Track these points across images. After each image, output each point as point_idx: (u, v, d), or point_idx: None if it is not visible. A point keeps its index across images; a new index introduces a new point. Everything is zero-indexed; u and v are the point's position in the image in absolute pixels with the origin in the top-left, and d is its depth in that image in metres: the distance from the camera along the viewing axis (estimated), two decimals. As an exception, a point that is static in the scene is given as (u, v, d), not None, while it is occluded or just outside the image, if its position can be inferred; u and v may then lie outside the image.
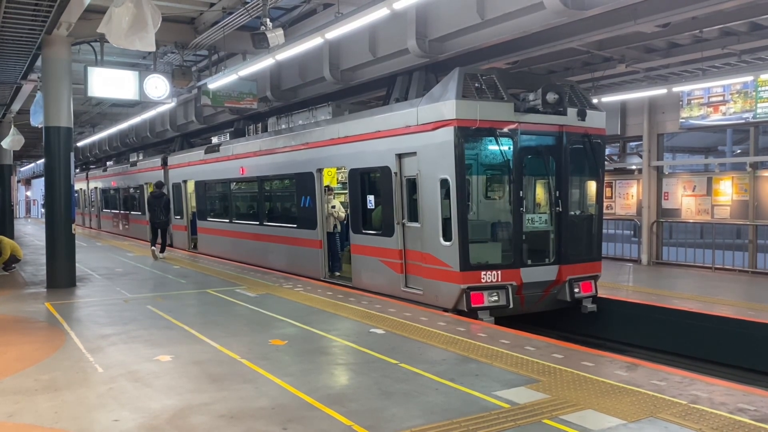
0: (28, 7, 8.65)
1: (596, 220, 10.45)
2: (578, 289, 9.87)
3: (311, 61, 12.82)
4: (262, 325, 8.20)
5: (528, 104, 9.30)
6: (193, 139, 21.92)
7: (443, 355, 6.69)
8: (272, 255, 14.30)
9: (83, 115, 23.73)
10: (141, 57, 15.58)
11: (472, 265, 8.99)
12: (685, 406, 5.04)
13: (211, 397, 5.31)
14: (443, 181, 9.05)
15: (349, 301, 9.92)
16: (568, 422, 4.70)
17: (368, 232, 10.98)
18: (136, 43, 7.05)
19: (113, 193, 27.97)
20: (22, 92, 16.08)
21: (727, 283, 12.33)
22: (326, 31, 8.81)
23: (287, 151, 13.36)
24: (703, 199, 14.39)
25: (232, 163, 15.82)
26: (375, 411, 4.98)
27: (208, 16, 12.17)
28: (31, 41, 10.46)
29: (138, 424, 4.71)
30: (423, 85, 10.77)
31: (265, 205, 15.33)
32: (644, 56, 12.36)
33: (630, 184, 16.17)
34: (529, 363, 6.35)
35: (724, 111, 13.78)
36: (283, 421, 4.77)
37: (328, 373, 6.14)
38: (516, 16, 8.60)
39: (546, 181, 9.95)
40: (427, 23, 10.03)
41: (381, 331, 7.82)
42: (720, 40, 11.26)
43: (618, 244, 16.45)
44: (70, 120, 11.71)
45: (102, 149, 30.95)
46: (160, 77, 12.42)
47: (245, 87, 13.88)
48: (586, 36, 9.50)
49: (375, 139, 10.51)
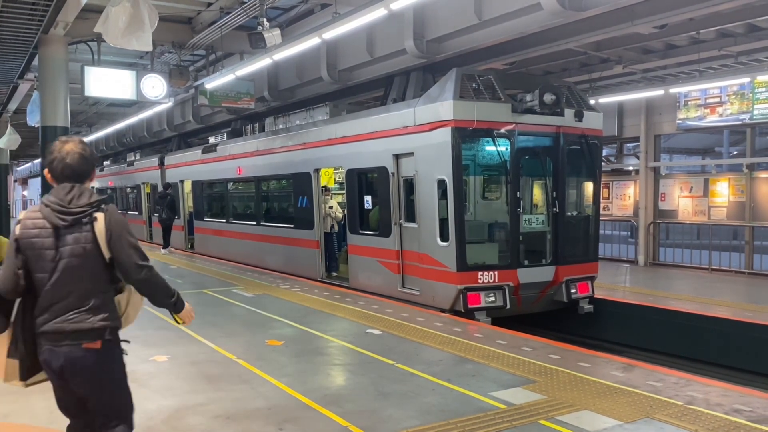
0: (25, 6, 8.63)
1: (593, 221, 10.45)
2: (575, 289, 9.87)
3: (308, 61, 12.81)
4: (258, 326, 8.19)
5: (525, 105, 9.31)
6: (190, 139, 21.88)
7: (440, 355, 6.68)
8: (269, 255, 14.28)
9: (80, 114, 23.70)
10: (138, 57, 15.56)
11: (469, 265, 8.99)
12: (681, 407, 5.05)
13: (208, 398, 5.30)
14: (440, 181, 9.05)
15: (346, 301, 9.91)
16: (564, 423, 4.71)
17: (365, 233, 10.98)
18: (133, 42, 7.05)
19: (110, 192, 27.92)
20: (18, 92, 16.06)
21: (723, 284, 12.35)
22: (324, 32, 8.81)
23: (284, 152, 13.35)
24: (699, 201, 14.41)
25: (229, 163, 15.80)
26: (371, 411, 4.98)
27: (205, 16, 12.16)
28: (28, 40, 10.44)
29: (136, 424, 4.69)
30: (420, 86, 10.77)
31: (262, 205, 15.31)
32: (641, 57, 12.38)
33: (627, 185, 16.19)
34: (525, 364, 6.35)
35: (721, 112, 13.80)
36: (280, 421, 4.76)
37: (324, 374, 6.14)
38: (513, 17, 8.60)
39: (543, 182, 9.96)
40: (424, 24, 10.03)
41: (378, 331, 7.81)
42: (717, 42, 11.28)
43: (615, 245, 16.47)
44: (67, 120, 11.68)
45: (99, 149, 30.86)
46: (158, 77, 12.38)
47: (242, 87, 13.87)
48: (584, 37, 9.52)
49: (372, 139, 10.50)
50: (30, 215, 3.06)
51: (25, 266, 3.03)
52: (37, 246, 2.99)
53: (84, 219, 2.99)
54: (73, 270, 2.99)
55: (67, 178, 3.06)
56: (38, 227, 3.01)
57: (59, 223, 2.98)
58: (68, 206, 2.99)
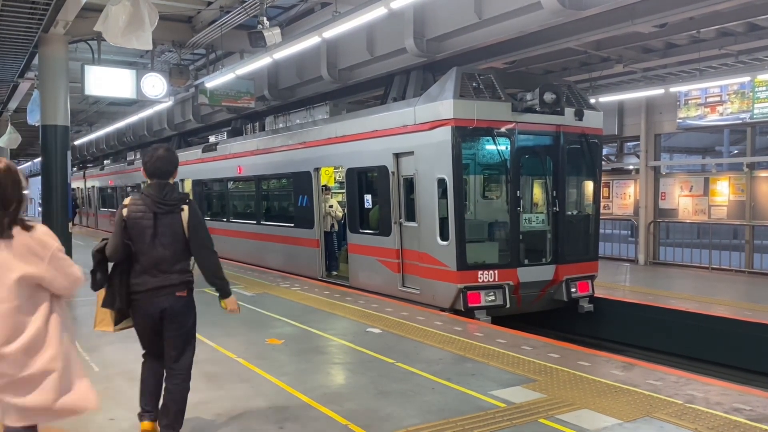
0: (25, 5, 8.63)
1: (593, 220, 10.46)
2: (575, 288, 9.88)
3: (309, 60, 12.80)
4: (258, 325, 8.19)
5: (525, 104, 9.31)
6: (190, 137, 21.88)
7: (440, 354, 6.69)
8: (269, 254, 14.29)
9: (80, 113, 23.70)
10: (138, 56, 15.56)
11: (469, 264, 8.99)
12: (680, 406, 5.05)
13: (208, 396, 5.31)
14: (440, 180, 9.05)
15: (346, 300, 9.92)
16: (564, 422, 4.71)
17: (365, 232, 10.98)
18: (133, 41, 7.05)
19: (110, 191, 27.92)
20: (18, 91, 16.05)
21: (723, 283, 12.36)
22: (324, 30, 8.80)
23: (284, 150, 13.35)
24: (700, 200, 14.41)
25: (230, 162, 15.81)
26: (371, 410, 4.98)
27: (205, 15, 12.16)
28: (28, 39, 10.43)
29: (134, 423, 4.69)
30: (420, 85, 10.76)
31: (263, 204, 15.31)
32: (642, 56, 12.37)
33: (627, 184, 16.19)
34: (525, 362, 6.35)
35: (721, 111, 13.80)
36: (280, 420, 4.77)
37: (324, 373, 6.14)
38: (513, 16, 8.60)
39: (543, 181, 9.96)
40: (424, 23, 10.02)
41: (378, 330, 7.82)
42: (717, 41, 11.28)
43: (615, 244, 16.47)
44: (67, 118, 11.67)
45: (99, 148, 30.89)
46: (158, 76, 12.38)
47: (243, 86, 13.86)
48: (584, 36, 9.51)
49: (372, 138, 10.50)
50: (134, 202, 4.22)
51: (129, 239, 4.15)
52: (140, 225, 4.15)
53: (175, 209, 4.19)
54: (165, 244, 4.16)
55: (157, 176, 4.25)
56: (141, 212, 4.17)
57: (158, 210, 4.17)
58: (164, 199, 4.19)
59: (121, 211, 4.21)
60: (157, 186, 4.22)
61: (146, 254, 4.15)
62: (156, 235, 4.14)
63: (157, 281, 4.16)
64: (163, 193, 4.20)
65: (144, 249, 4.15)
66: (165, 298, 4.16)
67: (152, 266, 4.16)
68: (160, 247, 4.15)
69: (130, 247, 4.16)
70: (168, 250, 4.17)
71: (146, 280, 4.15)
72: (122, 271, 4.18)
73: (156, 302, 4.16)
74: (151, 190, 4.22)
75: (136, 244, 4.15)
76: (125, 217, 4.17)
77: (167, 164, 4.30)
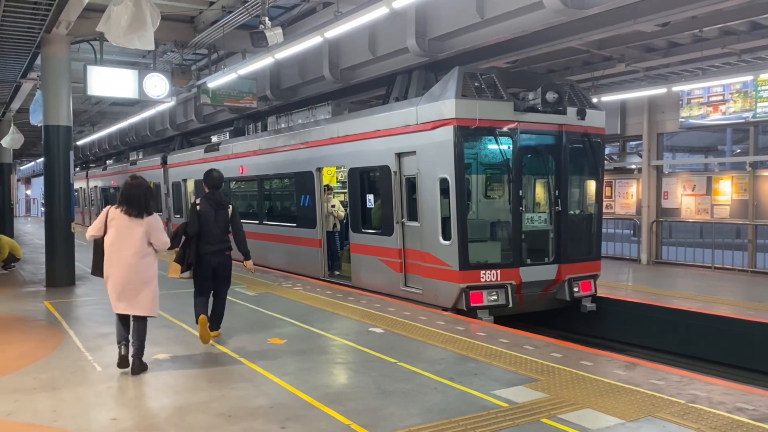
0: (28, 5, 8.65)
1: (596, 220, 10.44)
2: (577, 288, 9.87)
3: (311, 60, 12.81)
4: (261, 324, 8.20)
5: (528, 103, 9.30)
6: (192, 137, 21.91)
7: (442, 354, 6.68)
8: (272, 254, 14.29)
9: (83, 113, 23.72)
10: (140, 56, 15.57)
11: (472, 264, 8.99)
12: (683, 406, 5.04)
13: (210, 396, 5.31)
14: (443, 180, 9.05)
15: (349, 300, 9.92)
16: (566, 421, 4.70)
17: (368, 231, 10.98)
18: (135, 41, 7.05)
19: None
20: (21, 91, 16.08)
21: (726, 282, 12.33)
22: (326, 30, 8.80)
23: (287, 150, 13.36)
24: (702, 199, 14.39)
25: (232, 162, 15.82)
26: (373, 410, 4.98)
27: (207, 15, 12.16)
28: (31, 40, 10.46)
29: (136, 423, 4.71)
30: (422, 84, 10.76)
31: (265, 204, 15.32)
32: (644, 55, 12.35)
33: (629, 183, 16.17)
34: (527, 362, 6.35)
35: (723, 110, 13.78)
36: (282, 419, 4.77)
37: (326, 372, 6.14)
38: (516, 15, 8.59)
39: (545, 181, 9.95)
40: (426, 22, 10.02)
41: (380, 330, 7.82)
42: (720, 40, 11.25)
43: (617, 244, 16.45)
44: (70, 119, 11.71)
45: (102, 148, 30.93)
46: (160, 76, 12.39)
47: (245, 86, 13.87)
48: (586, 35, 9.50)
49: (374, 138, 10.50)
50: (202, 202, 7.11)
51: (200, 223, 7.00)
52: (206, 215, 7.05)
53: (225, 207, 7.20)
54: (220, 226, 7.11)
55: (214, 188, 7.26)
56: (207, 207, 7.08)
57: (216, 206, 7.14)
58: (220, 201, 7.20)
59: (195, 207, 7.08)
60: (215, 193, 7.24)
61: (209, 232, 7.02)
62: (216, 221, 7.06)
63: (215, 247, 7.06)
64: (218, 197, 7.23)
65: (208, 229, 7.02)
66: (218, 256, 7.10)
67: (213, 238, 7.04)
68: (216, 228, 7.06)
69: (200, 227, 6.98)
70: (220, 229, 7.09)
71: (209, 247, 7.03)
72: (194, 241, 6.96)
73: (214, 258, 7.08)
74: (211, 195, 7.20)
75: (204, 226, 7.00)
76: (198, 211, 7.02)
77: (219, 182, 7.35)
